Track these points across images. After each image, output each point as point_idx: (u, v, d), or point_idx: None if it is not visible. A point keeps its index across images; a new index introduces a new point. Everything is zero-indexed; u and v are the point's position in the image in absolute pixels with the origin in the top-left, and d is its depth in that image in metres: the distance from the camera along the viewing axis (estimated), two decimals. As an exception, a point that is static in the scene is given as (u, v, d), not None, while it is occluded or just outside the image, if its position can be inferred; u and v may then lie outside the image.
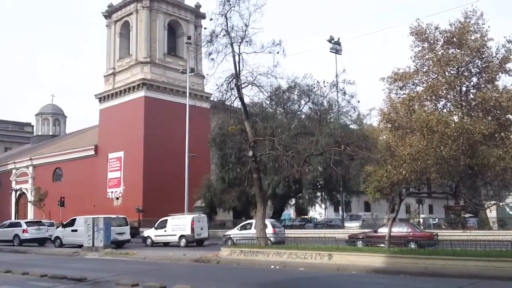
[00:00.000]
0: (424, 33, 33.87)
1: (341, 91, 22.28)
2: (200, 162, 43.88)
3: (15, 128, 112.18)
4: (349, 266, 16.19)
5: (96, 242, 25.29)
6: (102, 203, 51.55)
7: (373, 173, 22.35)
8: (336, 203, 43.95)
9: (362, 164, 24.13)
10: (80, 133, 74.45)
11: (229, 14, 20.28)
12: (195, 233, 29.16)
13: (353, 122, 36.63)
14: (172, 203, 42.31)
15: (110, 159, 54.48)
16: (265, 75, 20.73)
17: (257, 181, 21.64)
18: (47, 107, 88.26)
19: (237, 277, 15.45)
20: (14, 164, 69.73)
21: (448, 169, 21.86)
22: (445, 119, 23.26)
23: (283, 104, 25.30)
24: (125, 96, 54.41)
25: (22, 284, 13.50)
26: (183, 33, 56.57)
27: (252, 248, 19.93)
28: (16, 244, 31.35)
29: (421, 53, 34.16)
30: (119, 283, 13.18)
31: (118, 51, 57.53)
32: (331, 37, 42.49)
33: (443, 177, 24.55)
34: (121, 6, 57.17)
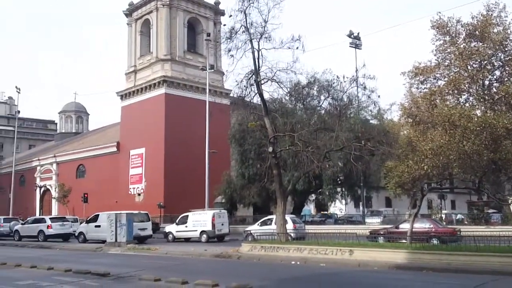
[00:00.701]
0: (445, 26, 33.35)
1: (361, 86, 22.13)
2: (220, 158, 44.07)
3: (39, 126, 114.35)
4: (371, 262, 16.13)
5: (119, 237, 25.61)
6: (124, 199, 52.25)
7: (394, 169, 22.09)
8: (357, 198, 43.74)
9: (382, 160, 23.94)
10: (102, 130, 75.44)
11: (248, 11, 20.33)
12: (216, 228, 29.33)
13: (373, 117, 36.37)
14: (193, 199, 42.64)
15: (131, 155, 55.10)
16: (285, 71, 20.75)
17: (277, 177, 21.67)
18: (70, 105, 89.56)
19: (258, 272, 15.53)
20: (39, 161, 70.98)
21: (471, 164, 21.50)
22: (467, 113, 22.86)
23: (303, 99, 25.28)
24: (146, 93, 54.93)
25: (47, 279, 13.77)
26: (202, 30, 56.80)
27: (272, 244, 19.98)
28: (41, 239, 31.88)
29: (442, 46, 33.65)
30: (142, 278, 13.40)
31: (139, 49, 58.06)
32: (350, 32, 42.21)
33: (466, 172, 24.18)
34: (142, 4, 57.65)
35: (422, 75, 33.49)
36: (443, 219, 35.18)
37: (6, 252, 24.29)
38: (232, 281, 12.12)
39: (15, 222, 36.92)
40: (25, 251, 25.49)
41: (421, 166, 19.63)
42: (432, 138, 20.96)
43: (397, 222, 28.19)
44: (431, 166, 19.91)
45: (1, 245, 30.79)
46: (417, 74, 33.65)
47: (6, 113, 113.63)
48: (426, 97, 30.86)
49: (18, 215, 49.04)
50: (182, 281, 12.26)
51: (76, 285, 12.78)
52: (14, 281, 13.24)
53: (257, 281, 13.26)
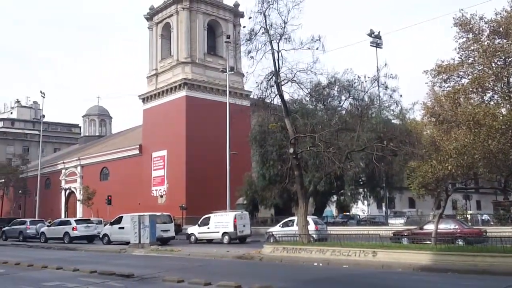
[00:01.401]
0: (468, 23, 32.68)
1: (382, 85, 21.91)
2: (241, 159, 44.16)
3: (64, 130, 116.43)
4: (394, 263, 15.94)
5: (142, 239, 25.86)
6: (147, 201, 52.76)
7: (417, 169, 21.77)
8: (379, 199, 43.33)
9: (405, 160, 23.65)
10: (125, 133, 76.40)
11: (268, 12, 20.36)
12: (238, 230, 29.38)
13: (395, 117, 35.93)
14: (214, 201, 42.80)
15: (154, 157, 55.63)
16: (305, 72, 20.68)
17: (298, 178, 21.60)
18: (93, 108, 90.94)
19: (281, 274, 15.50)
20: (63, 164, 72.19)
21: (497, 163, 21.06)
22: (492, 111, 22.39)
23: (323, 100, 25.10)
24: (167, 96, 55.42)
25: (73, 280, 13.96)
26: (222, 33, 57.06)
27: (294, 245, 19.92)
28: (66, 241, 32.29)
29: (465, 44, 32.98)
30: (165, 279, 13.50)
31: (160, 52, 58.64)
32: (371, 31, 41.87)
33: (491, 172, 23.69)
34: (162, 8, 58.23)
35: (445, 73, 32.88)
36: (468, 220, 34.59)
37: (33, 254, 24.70)
38: (254, 283, 12.12)
39: (41, 224, 37.48)
40: (51, 253, 25.87)
41: (445, 166, 19.31)
42: (456, 137, 20.62)
43: (421, 223, 27.82)
44: (456, 166, 19.57)
45: (28, 247, 31.31)
46: (440, 72, 33.05)
47: (32, 118, 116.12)
48: (450, 96, 30.30)
49: (45, 218, 49.87)
50: (205, 282, 12.31)
51: (101, 286, 12.93)
52: (41, 282, 13.46)
53: (280, 283, 13.23)
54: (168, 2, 57.09)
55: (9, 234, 37.87)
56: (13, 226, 38.45)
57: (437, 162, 19.79)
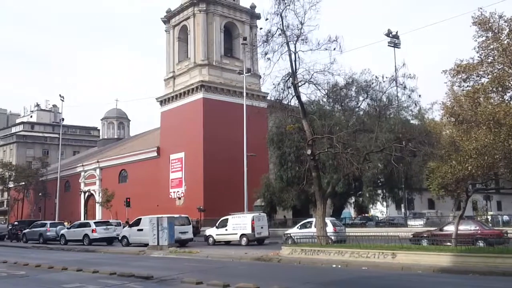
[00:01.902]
0: (487, 22, 32.17)
1: (401, 85, 21.71)
2: (259, 161, 44.15)
3: (83, 133, 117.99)
4: (414, 265, 15.79)
5: (161, 241, 26.01)
6: (165, 203, 53.06)
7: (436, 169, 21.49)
8: (398, 200, 42.90)
9: (425, 160, 23.39)
10: (143, 136, 76.99)
11: (284, 13, 20.32)
12: (256, 232, 29.38)
13: (414, 117, 35.61)
14: (232, 202, 42.86)
15: (171, 160, 55.95)
16: (322, 73, 20.60)
17: (316, 179, 21.53)
18: (112, 111, 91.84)
19: (299, 276, 15.45)
20: (83, 167, 72.99)
21: (518, 163, 20.77)
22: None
23: (341, 101, 24.96)
24: (184, 98, 55.71)
25: (93, 282, 14.08)
26: (239, 34, 57.20)
27: (313, 247, 19.85)
28: (86, 243, 32.66)
29: (485, 43, 32.46)
30: (184, 281, 13.55)
31: (177, 54, 58.97)
32: (389, 31, 41.56)
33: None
34: (179, 11, 58.57)
35: (464, 72, 32.41)
36: (489, 221, 34.07)
37: (53, 256, 25.03)
38: (273, 285, 12.10)
39: (61, 227, 37.92)
40: (71, 255, 26.17)
41: (465, 166, 19.05)
42: (476, 137, 20.32)
43: (441, 224, 27.49)
44: (476, 167, 19.30)
45: (48, 249, 31.69)
46: (459, 72, 32.58)
47: (51, 121, 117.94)
48: (469, 95, 29.88)
49: (65, 220, 50.50)
50: (223, 284, 12.32)
51: (121, 287, 13.04)
52: (62, 284, 13.61)
53: (299, 285, 13.19)
54: (185, 5, 57.42)
55: (30, 236, 38.34)
56: (34, 229, 38.85)
57: (457, 162, 19.53)
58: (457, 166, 19.43)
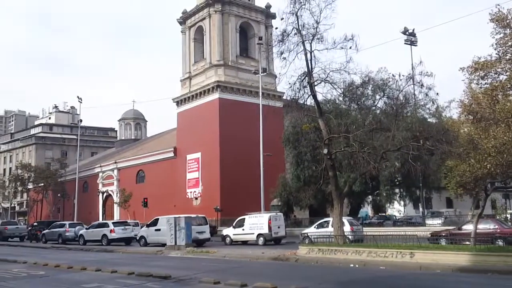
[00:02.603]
0: (505, 19, 31.73)
1: (418, 83, 21.51)
2: (275, 161, 44.15)
3: (100, 134, 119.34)
4: (433, 264, 15.66)
5: (178, 241, 26.18)
6: (182, 203, 53.34)
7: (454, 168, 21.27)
8: (416, 199, 42.53)
9: (442, 159, 23.15)
10: (159, 136, 77.51)
11: (300, 12, 20.28)
12: (273, 231, 29.39)
13: (431, 115, 35.24)
14: (249, 202, 42.91)
15: (188, 160, 56.23)
16: (338, 72, 20.51)
17: (333, 178, 21.47)
18: (129, 112, 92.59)
19: (317, 275, 15.43)
20: (101, 168, 73.73)
21: (537, 161, 20.44)
22: (532, 108, 21.73)
23: (357, 100, 24.80)
24: (200, 98, 55.95)
25: (111, 281, 14.23)
26: (254, 34, 57.25)
27: (330, 247, 19.80)
28: (105, 243, 32.98)
29: (502, 40, 32.01)
30: (202, 280, 13.63)
31: (193, 55, 59.25)
32: (405, 29, 41.22)
33: (532, 170, 23.01)
34: (195, 12, 58.85)
35: (482, 70, 31.98)
36: (508, 220, 33.59)
37: (72, 256, 25.37)
38: (291, 284, 12.11)
39: (80, 227, 38.30)
40: (89, 255, 26.49)
41: (484, 164, 18.83)
42: (495, 135, 20.06)
43: (460, 223, 27.21)
44: (495, 165, 19.06)
45: (67, 249, 32.12)
46: (476, 69, 32.17)
47: (69, 122, 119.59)
48: (487, 93, 29.48)
49: (84, 220, 51.00)
50: (241, 284, 12.36)
51: (139, 287, 13.16)
52: (81, 284, 13.79)
53: (316, 284, 13.18)
54: (200, 6, 57.69)
55: (49, 237, 38.82)
56: (53, 229, 39.33)
57: (475, 161, 19.32)
58: (476, 165, 19.22)
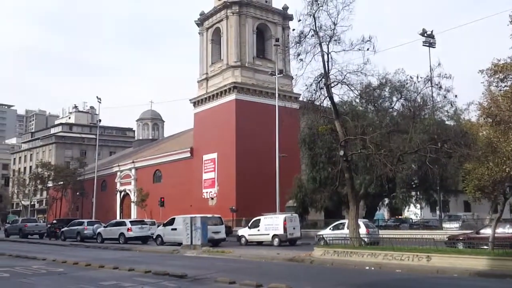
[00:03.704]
0: (525, 21, 31.35)
1: (436, 85, 21.32)
2: (291, 162, 44.13)
3: (119, 134, 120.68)
4: (450, 268, 15.52)
5: (194, 240, 26.32)
6: (198, 203, 53.64)
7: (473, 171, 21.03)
8: (433, 203, 42.11)
9: (460, 162, 22.91)
10: (176, 136, 78.06)
11: (317, 14, 20.24)
12: (288, 232, 29.39)
13: (449, 117, 34.86)
14: (264, 203, 42.99)
15: (204, 160, 56.52)
16: (355, 73, 20.42)
17: (349, 180, 21.40)
18: (147, 112, 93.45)
19: (332, 277, 15.42)
20: (119, 167, 74.51)
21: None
22: (553, 111, 21.40)
23: (374, 101, 24.70)
24: (217, 99, 56.22)
25: (128, 279, 14.41)
26: (271, 36, 57.35)
27: (345, 249, 19.74)
28: (122, 242, 33.28)
29: (522, 42, 31.66)
30: (217, 280, 13.73)
31: (210, 56, 59.57)
32: (423, 30, 40.87)
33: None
34: (212, 14, 59.17)
35: (502, 72, 31.54)
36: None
37: (90, 254, 25.66)
38: (306, 286, 12.15)
39: (98, 225, 38.74)
40: (107, 253, 26.76)
41: (503, 168, 18.61)
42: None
43: (477, 227, 26.88)
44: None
45: (85, 247, 32.45)
46: (496, 71, 31.73)
47: (88, 122, 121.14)
48: (507, 96, 29.08)
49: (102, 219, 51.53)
50: (256, 284, 12.43)
51: (156, 286, 13.30)
52: (99, 282, 14.00)
53: (331, 286, 13.19)
54: (218, 8, 57.99)
55: (68, 235, 39.29)
56: (71, 227, 39.85)
57: (494, 164, 19.10)
58: (494, 168, 19.01)
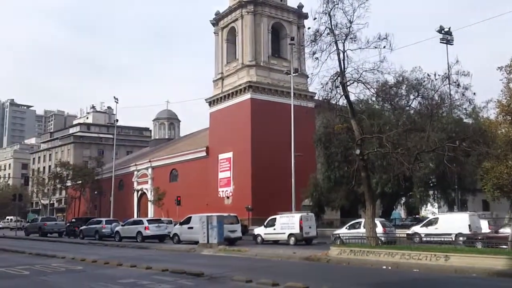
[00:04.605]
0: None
1: (454, 83, 21.08)
2: (306, 161, 44.02)
3: (135, 133, 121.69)
4: (468, 268, 15.33)
5: (211, 239, 26.42)
6: (214, 201, 53.80)
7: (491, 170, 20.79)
8: (451, 201, 41.63)
9: (479, 160, 22.69)
10: (192, 136, 78.40)
11: (333, 12, 20.14)
12: (304, 231, 29.31)
13: (468, 115, 34.48)
14: (280, 202, 42.94)
15: (220, 159, 56.67)
16: (371, 71, 20.26)
17: (365, 179, 21.27)
18: (163, 112, 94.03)
19: (349, 276, 15.36)
20: (135, 166, 75.01)
21: None
22: None
23: (391, 100, 24.52)
24: (232, 99, 56.32)
25: (146, 277, 14.53)
26: (286, 35, 57.23)
27: (362, 248, 19.63)
28: (139, 240, 33.47)
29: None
30: (234, 279, 13.77)
31: (225, 56, 59.68)
32: (441, 27, 40.39)
33: None
34: (227, 13, 59.27)
35: (521, 69, 31.20)
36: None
37: (108, 252, 25.95)
38: (322, 285, 12.11)
39: (116, 224, 39.06)
40: (125, 251, 27.00)
41: (523, 166, 18.38)
42: (535, 136, 19.54)
43: (496, 227, 26.52)
44: (534, 167, 18.58)
45: (104, 245, 32.82)
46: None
47: (106, 122, 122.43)
48: (527, 93, 28.75)
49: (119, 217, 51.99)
50: (272, 283, 12.43)
51: (173, 284, 13.38)
52: (117, 280, 14.15)
53: (348, 285, 13.14)
54: (233, 7, 58.06)
55: (86, 233, 39.67)
56: (90, 226, 40.23)
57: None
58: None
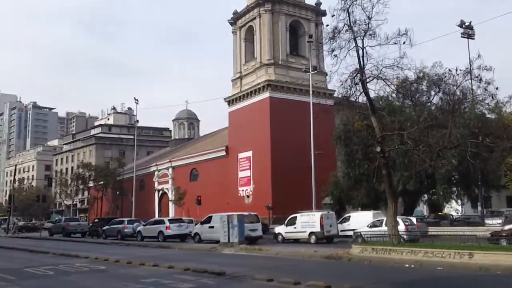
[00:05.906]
0: None
1: (476, 78, 20.71)
2: (326, 159, 43.79)
3: (156, 133, 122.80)
4: (493, 266, 15.06)
5: (231, 238, 26.46)
6: (234, 201, 53.93)
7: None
8: (474, 198, 41.03)
9: (503, 156, 22.29)
10: (212, 135, 78.68)
11: (351, 9, 19.98)
12: (325, 230, 29.18)
13: (490, 111, 33.91)
14: (300, 200, 42.78)
15: (240, 158, 56.78)
16: (391, 67, 20.06)
17: (386, 177, 21.06)
18: (182, 112, 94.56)
19: (371, 275, 15.24)
20: (156, 166, 75.62)
21: None
22: None
23: (411, 96, 24.24)
24: (251, 98, 56.36)
25: (168, 277, 14.64)
26: (304, 32, 57.05)
27: (384, 246, 19.44)
28: (161, 240, 33.77)
29: None
30: (255, 277, 13.78)
31: (243, 55, 59.77)
32: (462, 22, 39.77)
33: None
34: (245, 13, 59.35)
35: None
36: None
37: (130, 252, 26.23)
38: (344, 283, 12.03)
39: (137, 224, 39.41)
40: (147, 251, 27.23)
41: (549, 162, 17.96)
42: (560, 131, 19.08)
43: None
44: (560, 162, 18.14)
45: (126, 245, 33.21)
46: (539, 62, 30.78)
47: (127, 123, 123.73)
48: (552, 86, 28.13)
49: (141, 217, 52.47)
50: (294, 281, 12.41)
51: (195, 283, 13.46)
52: (140, 279, 14.27)
53: (370, 284, 13.03)
54: (250, 6, 58.08)
55: (109, 233, 40.14)
56: (112, 226, 40.69)
57: (539, 158, 18.47)
58: (539, 162, 18.37)
